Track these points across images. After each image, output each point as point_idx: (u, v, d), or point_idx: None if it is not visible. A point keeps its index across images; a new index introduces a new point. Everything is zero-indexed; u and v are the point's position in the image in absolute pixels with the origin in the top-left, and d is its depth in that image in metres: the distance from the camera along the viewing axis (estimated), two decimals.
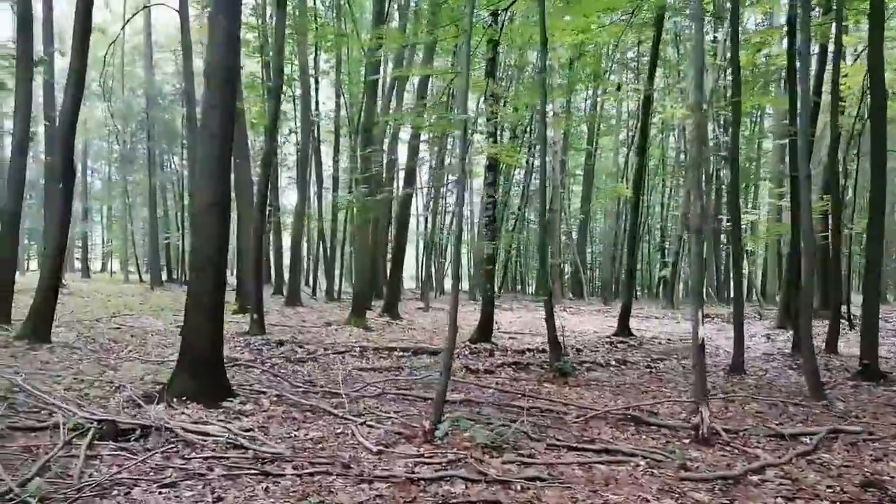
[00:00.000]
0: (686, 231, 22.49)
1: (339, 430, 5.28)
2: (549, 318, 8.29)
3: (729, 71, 12.50)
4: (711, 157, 25.82)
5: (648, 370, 9.36)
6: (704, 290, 30.00)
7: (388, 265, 17.62)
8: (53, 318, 10.80)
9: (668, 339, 13.20)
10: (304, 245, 26.57)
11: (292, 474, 4.17)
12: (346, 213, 27.49)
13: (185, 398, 5.87)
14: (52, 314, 10.75)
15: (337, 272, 25.07)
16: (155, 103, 28.10)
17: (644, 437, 5.33)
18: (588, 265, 37.42)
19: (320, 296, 23.43)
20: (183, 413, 5.57)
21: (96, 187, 42.40)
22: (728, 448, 4.94)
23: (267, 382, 7.29)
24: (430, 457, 4.57)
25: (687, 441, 5.13)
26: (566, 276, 35.40)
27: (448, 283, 24.72)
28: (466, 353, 10.73)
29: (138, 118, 27.75)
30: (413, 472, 4.26)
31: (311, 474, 4.19)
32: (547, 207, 9.05)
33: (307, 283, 25.99)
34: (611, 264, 33.38)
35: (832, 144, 10.05)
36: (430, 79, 15.76)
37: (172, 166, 34.57)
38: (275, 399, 6.31)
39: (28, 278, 22.62)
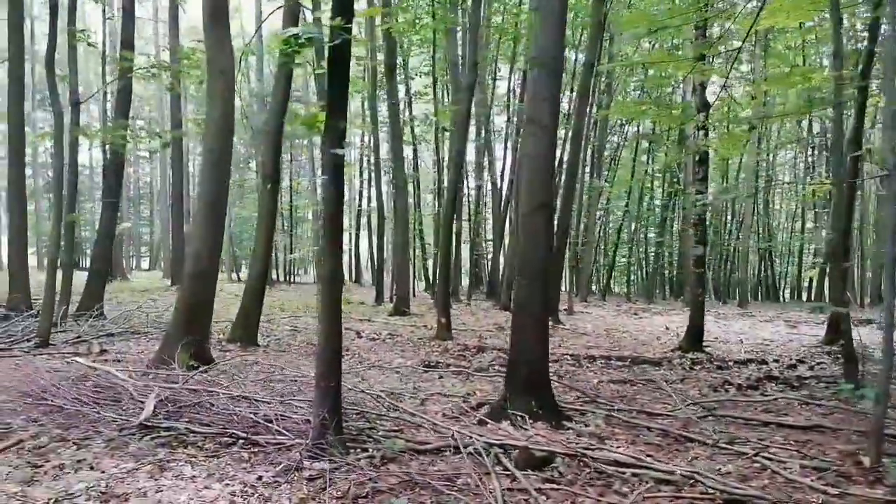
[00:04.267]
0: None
1: (741, 463, 4.63)
2: (847, 330, 7.43)
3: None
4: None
5: None
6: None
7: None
8: (260, 321, 10.68)
9: None
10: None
11: None
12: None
13: (525, 417, 5.37)
14: (259, 316, 10.62)
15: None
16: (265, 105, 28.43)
17: None
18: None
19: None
20: (538, 434, 5.06)
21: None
22: None
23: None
24: None
25: None
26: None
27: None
28: (688, 364, 9.94)
29: (256, 119, 28.09)
30: None
31: None
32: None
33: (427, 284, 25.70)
34: (723, 264, 31.67)
35: None
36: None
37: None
38: (604, 417, 5.75)
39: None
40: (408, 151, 32.35)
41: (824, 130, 25.99)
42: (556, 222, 12.34)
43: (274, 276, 32.00)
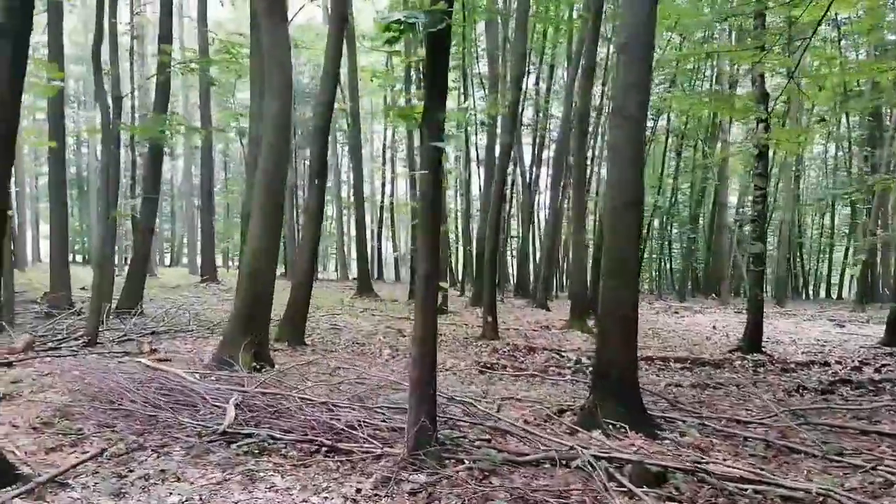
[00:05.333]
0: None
1: (861, 478, 4.31)
2: None
3: None
4: None
5: None
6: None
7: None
8: (307, 319, 10.47)
9: None
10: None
11: None
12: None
13: (616, 424, 5.08)
14: (306, 314, 10.41)
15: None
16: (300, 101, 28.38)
17: None
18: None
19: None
20: (633, 444, 4.77)
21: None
22: None
23: None
24: None
25: None
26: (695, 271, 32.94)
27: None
28: (751, 367, 9.57)
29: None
30: None
31: None
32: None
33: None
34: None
35: None
36: None
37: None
38: (697, 426, 5.45)
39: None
40: None
41: (863, 125, 25.28)
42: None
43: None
